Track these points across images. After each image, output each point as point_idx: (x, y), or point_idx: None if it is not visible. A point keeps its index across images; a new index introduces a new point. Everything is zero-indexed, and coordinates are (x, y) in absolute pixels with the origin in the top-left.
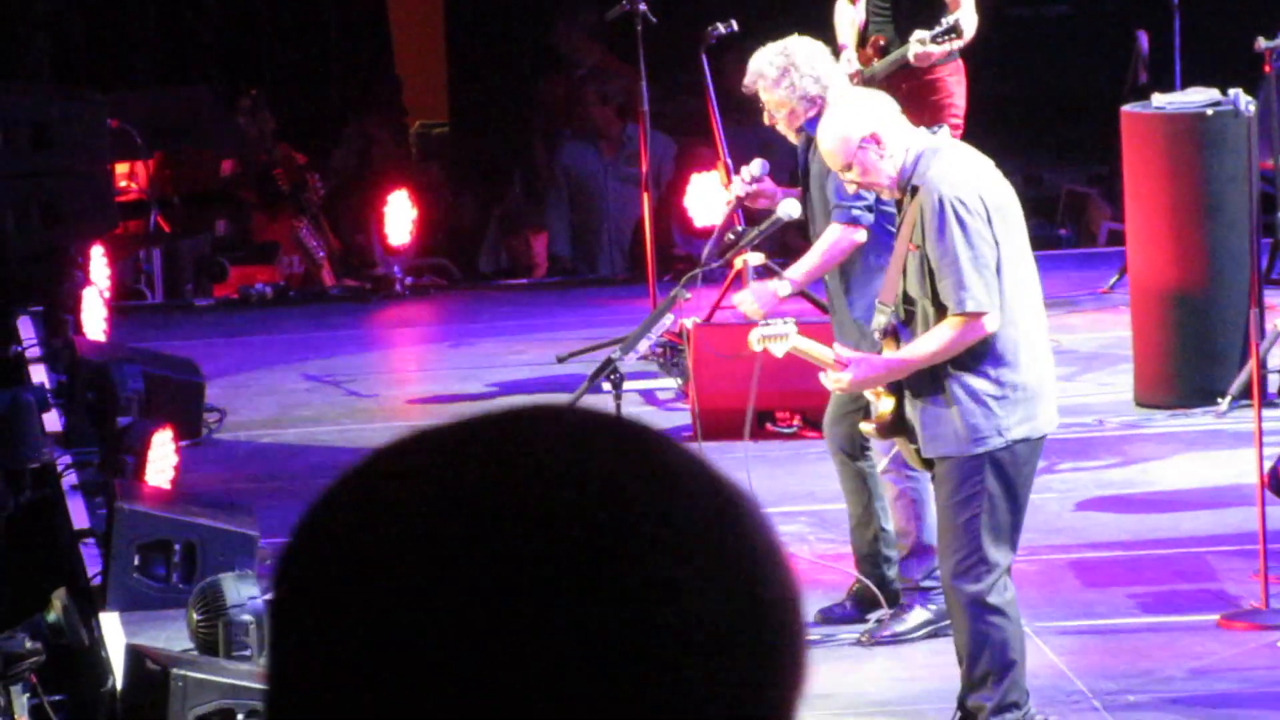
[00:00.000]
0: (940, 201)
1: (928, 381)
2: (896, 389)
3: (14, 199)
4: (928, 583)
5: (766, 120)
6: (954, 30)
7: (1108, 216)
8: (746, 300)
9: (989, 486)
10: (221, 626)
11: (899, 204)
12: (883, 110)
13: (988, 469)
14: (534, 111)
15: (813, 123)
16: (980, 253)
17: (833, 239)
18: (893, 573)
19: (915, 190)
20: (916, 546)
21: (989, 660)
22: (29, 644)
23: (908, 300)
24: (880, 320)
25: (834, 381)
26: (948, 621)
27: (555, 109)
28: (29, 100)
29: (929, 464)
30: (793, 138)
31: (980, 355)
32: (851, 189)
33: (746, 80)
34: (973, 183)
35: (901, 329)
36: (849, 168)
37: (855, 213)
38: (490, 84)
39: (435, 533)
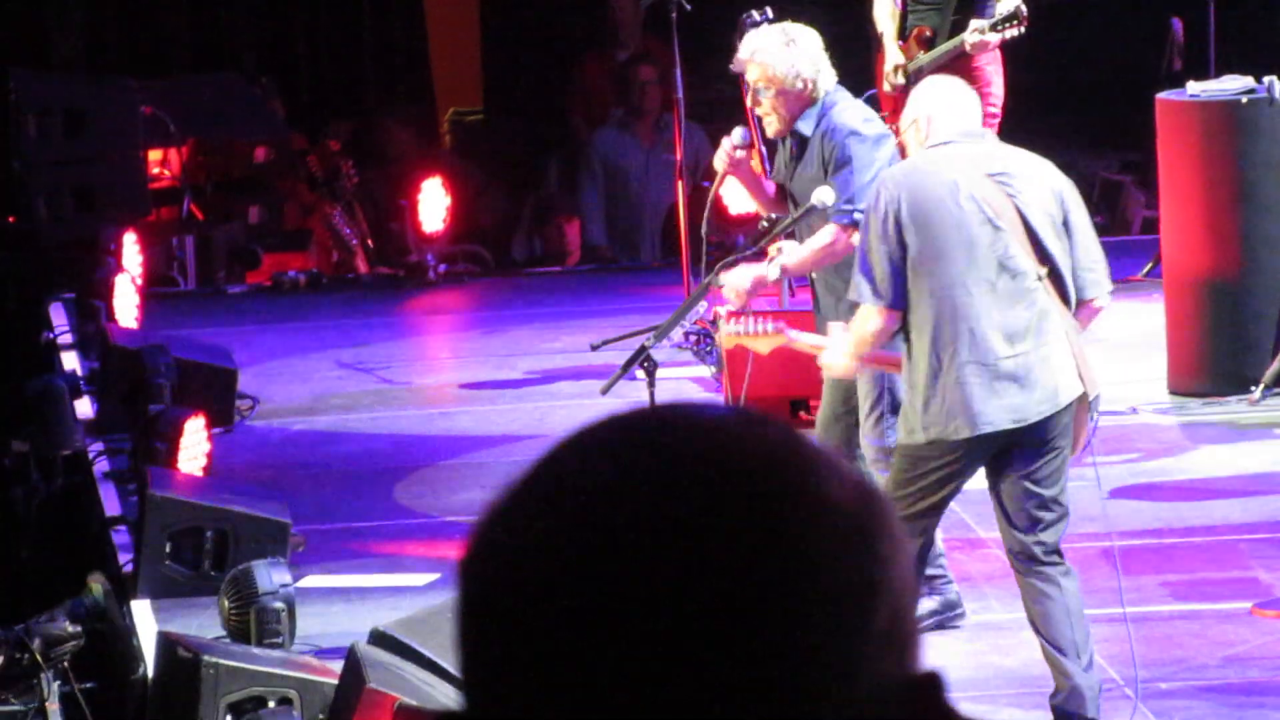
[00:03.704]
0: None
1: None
2: None
3: (47, 186)
4: (931, 571)
5: (750, 102)
6: (1015, 17)
7: (1142, 204)
8: (735, 280)
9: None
10: (253, 614)
11: None
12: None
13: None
14: (574, 94)
15: (804, 117)
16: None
17: (831, 239)
18: None
19: None
20: None
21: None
22: (70, 627)
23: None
24: None
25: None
26: (957, 612)
27: (598, 90)
28: (62, 87)
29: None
30: (773, 127)
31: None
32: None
33: (741, 54)
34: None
35: None
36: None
37: (858, 216)
38: (524, 69)
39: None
